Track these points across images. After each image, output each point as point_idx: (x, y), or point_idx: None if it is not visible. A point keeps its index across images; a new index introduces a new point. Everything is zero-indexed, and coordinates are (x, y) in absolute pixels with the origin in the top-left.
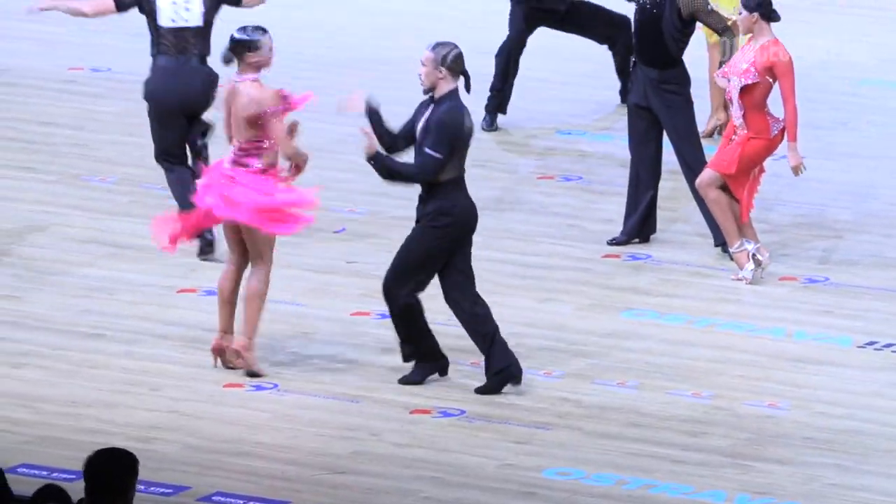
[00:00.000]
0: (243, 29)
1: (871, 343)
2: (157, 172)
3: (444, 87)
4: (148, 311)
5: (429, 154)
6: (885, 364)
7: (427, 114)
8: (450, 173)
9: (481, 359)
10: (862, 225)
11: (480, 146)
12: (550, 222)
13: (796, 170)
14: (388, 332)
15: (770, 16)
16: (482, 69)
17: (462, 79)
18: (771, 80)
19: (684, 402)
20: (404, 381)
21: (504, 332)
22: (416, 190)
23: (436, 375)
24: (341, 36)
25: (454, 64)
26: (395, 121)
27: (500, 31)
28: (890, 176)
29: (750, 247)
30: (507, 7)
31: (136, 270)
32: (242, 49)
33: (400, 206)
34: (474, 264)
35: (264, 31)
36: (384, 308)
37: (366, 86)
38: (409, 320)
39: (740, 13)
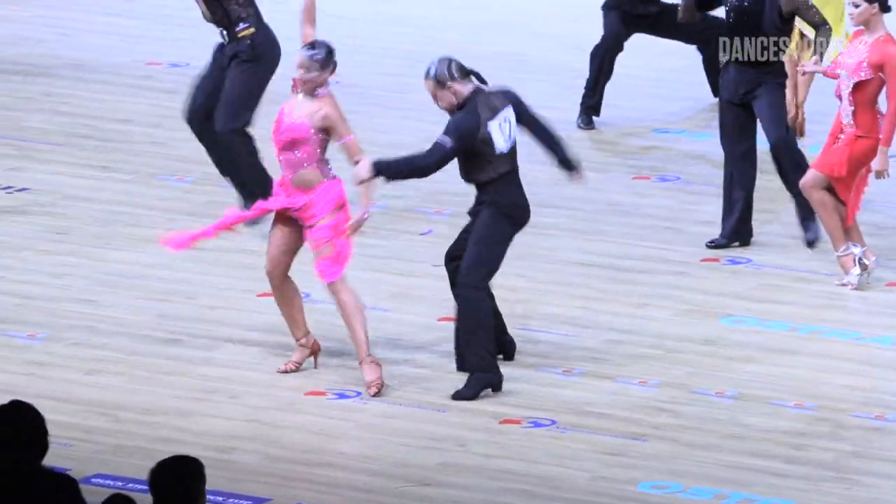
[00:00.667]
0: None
1: None
2: None
3: (462, 95)
4: (227, 315)
5: (437, 141)
6: None
7: None
8: (488, 173)
9: (572, 367)
10: None
11: (574, 145)
12: (646, 224)
13: (879, 174)
14: None
15: (887, 7)
16: (574, 64)
17: (473, 77)
18: (883, 77)
19: (787, 413)
20: (457, 396)
21: (598, 338)
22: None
23: (489, 391)
24: (431, 31)
25: (457, 73)
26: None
27: (592, 26)
28: None
29: (857, 251)
30: (598, 1)
31: (216, 273)
32: None
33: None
34: (566, 268)
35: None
36: None
37: None
38: (479, 319)
39: (857, 6)
